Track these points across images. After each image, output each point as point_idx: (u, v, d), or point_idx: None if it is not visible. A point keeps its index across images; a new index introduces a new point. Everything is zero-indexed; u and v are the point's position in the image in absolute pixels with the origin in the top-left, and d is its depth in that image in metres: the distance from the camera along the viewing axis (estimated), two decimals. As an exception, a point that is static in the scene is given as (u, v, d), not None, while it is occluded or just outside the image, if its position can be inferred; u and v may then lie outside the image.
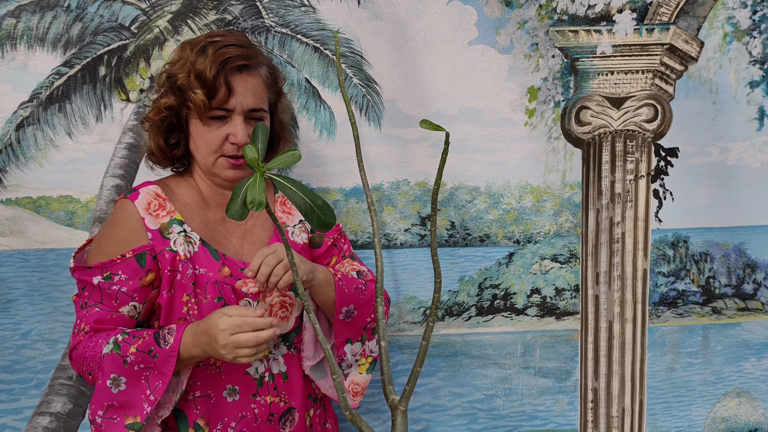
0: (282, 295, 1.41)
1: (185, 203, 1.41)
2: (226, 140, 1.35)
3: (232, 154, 1.36)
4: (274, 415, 1.42)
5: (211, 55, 1.31)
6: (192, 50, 1.35)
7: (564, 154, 1.84)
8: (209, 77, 1.30)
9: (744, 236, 1.92)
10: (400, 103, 1.77)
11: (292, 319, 1.43)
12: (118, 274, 1.33)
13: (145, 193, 1.38)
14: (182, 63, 1.35)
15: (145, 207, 1.36)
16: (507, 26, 1.77)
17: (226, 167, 1.38)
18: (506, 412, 1.92)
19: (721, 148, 1.87)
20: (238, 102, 1.34)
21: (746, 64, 1.83)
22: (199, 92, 1.31)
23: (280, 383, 1.42)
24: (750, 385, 1.98)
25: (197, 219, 1.40)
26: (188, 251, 1.36)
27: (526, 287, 1.88)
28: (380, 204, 1.81)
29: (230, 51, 1.33)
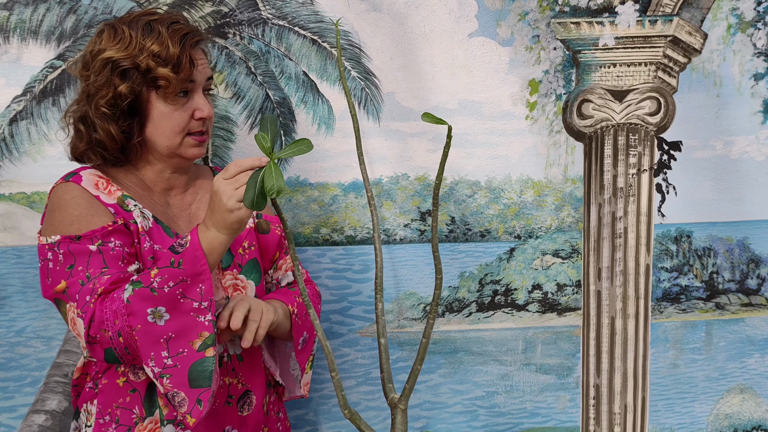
0: (234, 278, 1.39)
1: (128, 186, 1.36)
2: (191, 117, 1.34)
3: (198, 131, 1.35)
4: (233, 396, 1.39)
5: (165, 34, 1.29)
6: (131, 28, 1.30)
7: (566, 147, 1.81)
8: (173, 54, 1.28)
9: (748, 231, 1.90)
10: (400, 96, 1.75)
11: None
12: (111, 241, 1.25)
13: (87, 174, 1.33)
14: (125, 45, 1.29)
15: (93, 187, 1.30)
16: (508, 18, 1.74)
17: (191, 145, 1.36)
18: (507, 409, 1.91)
19: (724, 142, 1.85)
20: (200, 73, 1.34)
21: (750, 56, 1.81)
22: (165, 71, 1.28)
23: (237, 364, 1.40)
24: (754, 381, 1.97)
25: (145, 200, 1.36)
26: (144, 225, 1.31)
27: (527, 283, 1.86)
28: (379, 199, 1.79)
29: (183, 28, 1.32)
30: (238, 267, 1.41)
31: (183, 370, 1.18)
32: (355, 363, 1.83)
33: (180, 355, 1.17)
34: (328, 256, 1.79)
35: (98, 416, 1.33)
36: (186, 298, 1.17)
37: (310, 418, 1.85)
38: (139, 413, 1.31)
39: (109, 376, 1.33)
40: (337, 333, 1.82)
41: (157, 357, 1.17)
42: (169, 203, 1.40)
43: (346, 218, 1.79)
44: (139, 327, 1.16)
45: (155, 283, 1.15)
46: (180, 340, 1.17)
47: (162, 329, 1.16)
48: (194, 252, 1.17)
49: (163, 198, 1.40)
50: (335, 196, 1.77)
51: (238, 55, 1.71)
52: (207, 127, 1.38)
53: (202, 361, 1.18)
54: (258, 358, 1.44)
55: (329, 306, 1.81)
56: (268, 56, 1.71)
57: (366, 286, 1.81)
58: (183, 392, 1.18)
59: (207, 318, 1.18)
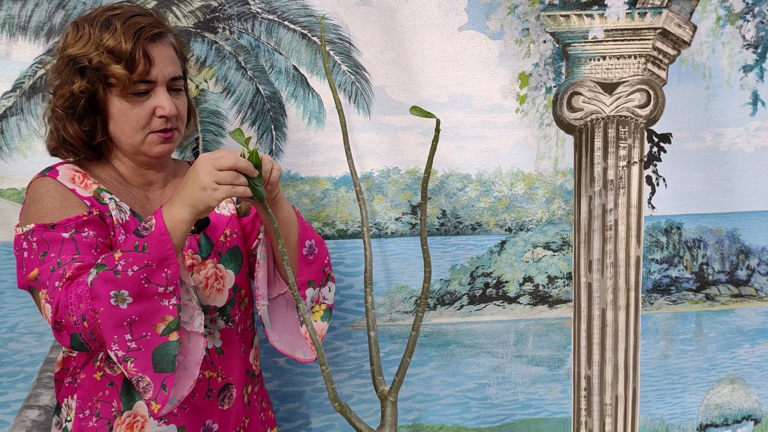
0: (215, 267, 1.38)
1: (105, 180, 1.34)
2: (152, 115, 1.29)
3: (161, 129, 1.30)
4: (213, 390, 1.39)
5: (120, 28, 1.24)
6: (92, 26, 1.26)
7: (556, 140, 1.82)
8: (125, 50, 1.23)
9: (738, 222, 1.91)
10: (390, 90, 1.75)
11: (226, 291, 1.39)
12: (85, 231, 1.22)
13: (64, 169, 1.30)
14: (84, 42, 1.26)
15: (69, 181, 1.28)
16: (497, 11, 1.74)
17: (156, 143, 1.31)
18: (499, 401, 1.92)
19: (714, 134, 1.85)
20: (159, 72, 1.27)
21: (739, 48, 1.81)
22: (118, 67, 1.23)
23: (216, 358, 1.38)
24: (743, 371, 1.98)
25: (123, 194, 1.34)
26: (120, 218, 1.29)
27: (518, 275, 1.87)
28: (370, 193, 1.79)
29: (140, 20, 1.26)
30: (218, 255, 1.39)
31: (147, 354, 1.16)
32: (348, 356, 1.84)
33: (143, 338, 1.15)
34: (319, 250, 1.80)
35: (78, 410, 1.33)
36: (150, 282, 1.14)
37: (302, 411, 1.85)
38: (117, 407, 1.31)
39: (87, 370, 1.32)
40: (330, 327, 1.82)
41: (120, 340, 1.14)
42: (148, 197, 1.38)
43: (337, 212, 1.79)
44: (102, 310, 1.13)
45: (119, 266, 1.12)
46: (143, 324, 1.15)
47: (125, 312, 1.13)
48: (160, 236, 1.13)
49: (142, 193, 1.38)
50: (326, 190, 1.77)
51: (227, 49, 1.71)
52: (175, 124, 1.32)
53: (165, 345, 1.16)
54: (238, 350, 1.42)
55: (321, 300, 1.81)
56: (258, 51, 1.71)
57: (358, 279, 1.81)
58: (148, 376, 1.16)
59: (171, 302, 1.15)
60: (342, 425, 1.86)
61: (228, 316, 1.40)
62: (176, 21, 1.67)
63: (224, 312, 1.40)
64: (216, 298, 1.38)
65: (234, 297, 1.41)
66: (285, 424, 1.85)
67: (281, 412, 1.84)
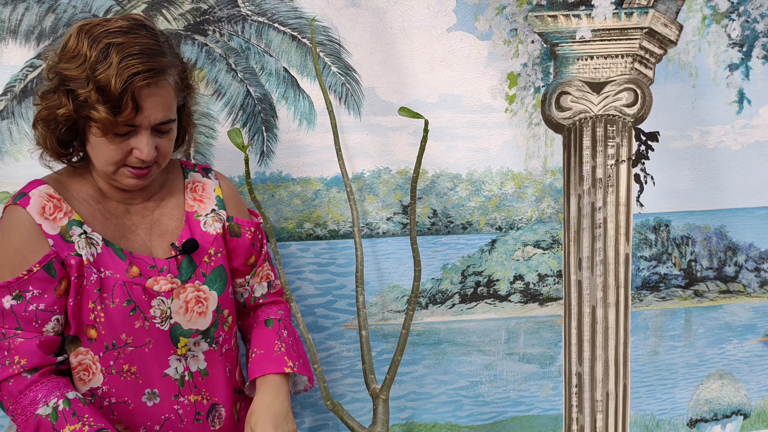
0: (196, 290, 1.35)
1: (82, 200, 1.30)
2: (129, 153, 1.24)
3: (136, 166, 1.26)
4: (201, 413, 1.37)
5: (115, 66, 1.16)
6: (90, 47, 1.18)
7: (545, 139, 1.83)
8: (114, 93, 1.16)
9: (725, 219, 1.93)
10: (380, 90, 1.76)
11: (209, 314, 1.36)
12: (29, 290, 1.22)
13: (36, 196, 1.26)
14: (78, 63, 1.19)
15: (39, 212, 1.24)
16: (485, 12, 1.76)
17: (128, 176, 1.27)
18: (491, 399, 1.93)
19: (701, 132, 1.87)
20: (145, 118, 1.21)
21: (725, 47, 1.83)
22: (102, 109, 1.17)
23: (200, 381, 1.37)
24: (732, 366, 2.00)
25: (98, 216, 1.31)
26: (91, 254, 1.26)
27: (509, 274, 1.88)
28: (361, 193, 1.81)
29: (136, 64, 1.17)
30: (202, 277, 1.36)
31: None
32: (341, 356, 1.85)
33: None
34: (311, 250, 1.81)
35: None
36: None
37: (296, 411, 1.86)
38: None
39: None
40: (322, 326, 1.83)
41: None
42: (129, 211, 1.35)
43: (329, 213, 1.80)
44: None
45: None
46: None
47: None
48: None
49: (122, 206, 1.34)
50: (318, 190, 1.78)
51: (218, 51, 1.71)
52: (149, 164, 1.27)
53: None
54: (223, 370, 1.41)
55: (314, 300, 1.82)
56: (248, 53, 1.72)
57: (350, 279, 1.82)
58: None
59: None
60: (335, 424, 1.87)
61: (212, 338, 1.38)
62: (167, 24, 1.67)
63: (208, 334, 1.37)
64: (198, 321, 1.35)
65: (217, 318, 1.38)
66: (278, 424, 1.86)
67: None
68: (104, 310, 1.27)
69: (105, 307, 1.27)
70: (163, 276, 1.31)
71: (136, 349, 1.30)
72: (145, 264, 1.31)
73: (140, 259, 1.31)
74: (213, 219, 1.41)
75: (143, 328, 1.30)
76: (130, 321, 1.29)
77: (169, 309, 1.32)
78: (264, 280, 1.50)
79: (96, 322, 1.27)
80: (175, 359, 1.34)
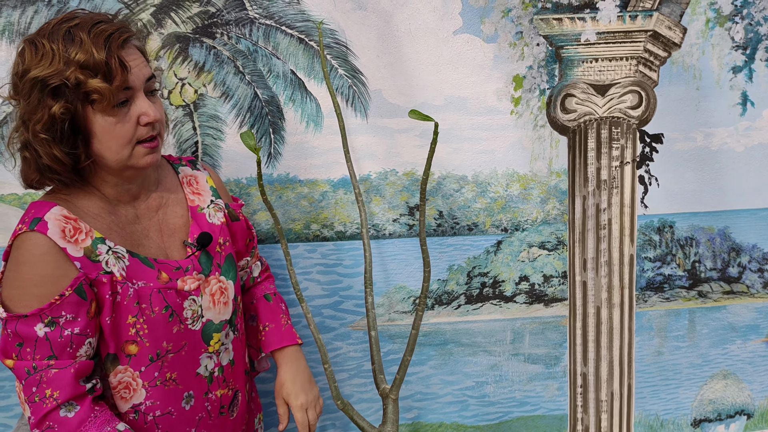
0: (218, 281, 1.37)
1: (95, 215, 1.28)
2: (137, 125, 1.23)
3: (147, 137, 1.25)
4: (224, 406, 1.40)
5: (88, 39, 1.16)
6: (52, 42, 1.17)
7: (550, 141, 1.85)
8: (100, 61, 1.15)
9: (729, 220, 1.94)
10: (387, 93, 1.77)
11: (230, 302, 1.39)
12: (62, 315, 1.19)
13: (53, 219, 1.21)
14: (49, 60, 1.17)
15: (60, 236, 1.20)
16: (491, 15, 1.77)
17: (143, 154, 1.25)
18: (497, 399, 1.94)
19: (705, 134, 1.89)
20: (136, 76, 1.21)
21: (729, 50, 1.85)
22: (96, 81, 1.16)
23: (229, 373, 1.40)
24: (736, 366, 2.01)
25: (114, 228, 1.29)
26: (122, 268, 1.25)
27: (514, 275, 1.89)
28: (368, 194, 1.82)
29: (105, 28, 1.18)
30: (218, 268, 1.38)
31: None
32: (347, 356, 1.86)
33: None
34: (318, 251, 1.82)
35: None
36: None
37: (303, 411, 1.87)
38: None
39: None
40: (329, 327, 1.84)
41: None
42: (137, 216, 1.34)
43: (335, 214, 1.81)
44: None
45: None
46: None
47: None
48: None
49: (131, 212, 1.33)
50: (325, 192, 1.80)
51: (226, 54, 1.73)
52: (158, 130, 1.27)
53: None
54: (242, 356, 1.45)
55: (321, 301, 1.83)
56: (255, 55, 1.74)
57: (356, 280, 1.83)
58: None
59: None
60: (342, 424, 1.88)
61: (234, 326, 1.42)
62: (175, 27, 1.69)
63: (231, 323, 1.41)
64: (224, 311, 1.37)
65: (236, 306, 1.42)
66: (286, 424, 1.87)
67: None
68: (147, 321, 1.26)
69: (147, 318, 1.26)
70: (190, 275, 1.32)
71: (176, 355, 1.31)
72: (170, 267, 1.31)
73: (164, 264, 1.31)
74: (214, 209, 1.43)
75: (180, 332, 1.31)
76: (170, 327, 1.29)
77: (200, 307, 1.33)
78: (257, 259, 1.59)
79: (138, 336, 1.26)
80: (206, 357, 1.36)
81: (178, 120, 1.73)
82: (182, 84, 1.73)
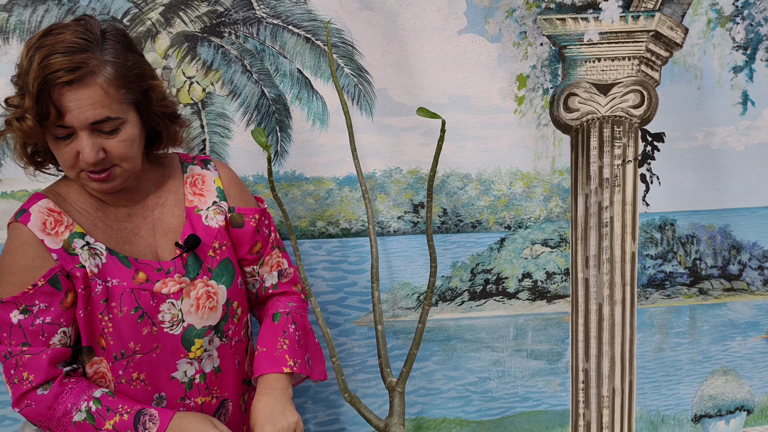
0: (206, 285, 1.34)
1: (82, 210, 1.30)
2: (77, 157, 1.20)
3: (89, 170, 1.22)
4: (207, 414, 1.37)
5: (35, 69, 1.13)
6: (25, 57, 1.16)
7: (553, 140, 1.87)
8: (33, 96, 1.13)
9: (729, 218, 1.96)
10: (392, 92, 1.80)
11: (219, 308, 1.36)
12: (35, 304, 1.23)
13: (36, 212, 1.25)
14: (20, 71, 1.18)
15: (40, 228, 1.24)
16: (495, 15, 1.79)
17: (89, 180, 1.24)
18: (499, 394, 1.96)
19: (705, 133, 1.91)
20: (75, 118, 1.15)
21: (729, 50, 1.87)
22: (29, 117, 1.15)
23: (212, 381, 1.37)
24: (736, 363, 2.03)
25: (99, 225, 1.30)
26: (95, 265, 1.27)
27: (517, 272, 1.91)
28: (373, 192, 1.84)
29: (54, 62, 1.12)
30: (208, 272, 1.35)
31: None
32: (352, 352, 1.88)
33: None
34: (324, 248, 1.84)
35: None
36: None
37: (308, 406, 1.89)
38: None
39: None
40: (334, 323, 1.86)
41: None
42: (130, 214, 1.34)
43: (341, 211, 1.83)
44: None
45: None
46: None
47: None
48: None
49: (122, 210, 1.33)
50: (330, 190, 1.82)
51: (233, 53, 1.75)
52: (111, 163, 1.23)
53: None
54: (233, 364, 1.41)
55: (326, 297, 1.86)
56: (263, 54, 1.76)
57: (361, 277, 1.85)
58: None
59: None
60: (347, 419, 1.90)
61: (222, 332, 1.38)
62: (183, 26, 1.71)
63: (218, 329, 1.37)
64: (209, 316, 1.34)
65: (227, 312, 1.37)
66: (291, 419, 1.89)
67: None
68: (112, 320, 1.27)
69: (113, 317, 1.27)
70: (171, 277, 1.31)
71: (144, 356, 1.30)
72: (151, 268, 1.31)
73: (146, 264, 1.31)
74: (214, 212, 1.39)
75: (151, 334, 1.30)
76: (138, 328, 1.29)
77: (180, 312, 1.31)
78: (274, 269, 1.48)
79: (104, 333, 1.28)
80: (186, 362, 1.34)
81: (186, 118, 1.75)
82: (190, 82, 1.75)
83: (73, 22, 1.23)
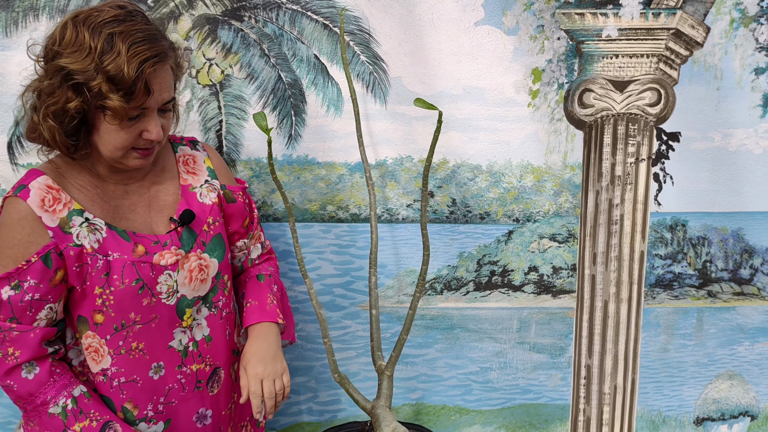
0: (199, 258, 1.41)
1: (81, 186, 1.34)
2: (139, 136, 1.29)
3: (144, 147, 1.31)
4: (201, 381, 1.45)
5: (125, 54, 1.19)
6: (92, 38, 1.20)
7: (566, 135, 1.87)
8: (127, 80, 1.20)
9: (743, 222, 1.93)
10: (406, 80, 1.81)
11: (209, 280, 1.43)
12: (26, 280, 1.27)
13: (36, 188, 1.28)
14: (82, 56, 1.20)
15: (39, 205, 1.28)
16: (513, 7, 1.79)
17: (135, 158, 1.32)
18: (500, 385, 1.98)
19: (723, 134, 1.88)
20: (155, 100, 1.27)
21: (752, 51, 1.84)
22: (116, 97, 1.20)
23: (204, 348, 1.44)
24: (743, 368, 2.01)
25: (97, 201, 1.34)
26: (96, 240, 1.31)
27: (523, 265, 1.92)
28: (383, 179, 1.86)
29: (144, 50, 1.21)
30: (202, 246, 1.42)
31: None
32: (356, 335, 1.92)
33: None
34: (333, 232, 1.87)
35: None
36: None
37: (310, 385, 1.94)
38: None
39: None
40: (340, 306, 1.90)
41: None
42: (127, 191, 1.39)
43: (351, 197, 1.86)
44: (37, 429, 1.33)
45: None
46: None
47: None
48: None
49: (120, 188, 1.38)
50: (342, 175, 1.85)
51: (252, 37, 1.78)
52: (157, 142, 1.33)
53: None
54: (223, 334, 1.48)
55: (333, 280, 1.89)
56: (281, 39, 1.79)
57: (368, 262, 1.88)
58: None
59: None
60: (348, 399, 1.94)
61: (210, 303, 1.45)
62: (205, 9, 1.75)
63: (206, 299, 1.44)
64: (200, 288, 1.42)
65: (217, 284, 1.45)
66: (293, 396, 1.94)
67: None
68: (113, 293, 1.32)
69: (114, 290, 1.32)
70: (168, 249, 1.37)
71: (144, 326, 1.37)
72: (149, 241, 1.36)
73: (144, 237, 1.36)
74: (207, 189, 1.47)
75: (150, 305, 1.36)
76: (139, 299, 1.34)
77: (175, 282, 1.38)
78: (258, 241, 1.60)
79: (105, 306, 1.33)
80: (180, 331, 1.41)
81: (204, 99, 1.80)
82: (210, 64, 1.79)
83: (126, 9, 1.26)
